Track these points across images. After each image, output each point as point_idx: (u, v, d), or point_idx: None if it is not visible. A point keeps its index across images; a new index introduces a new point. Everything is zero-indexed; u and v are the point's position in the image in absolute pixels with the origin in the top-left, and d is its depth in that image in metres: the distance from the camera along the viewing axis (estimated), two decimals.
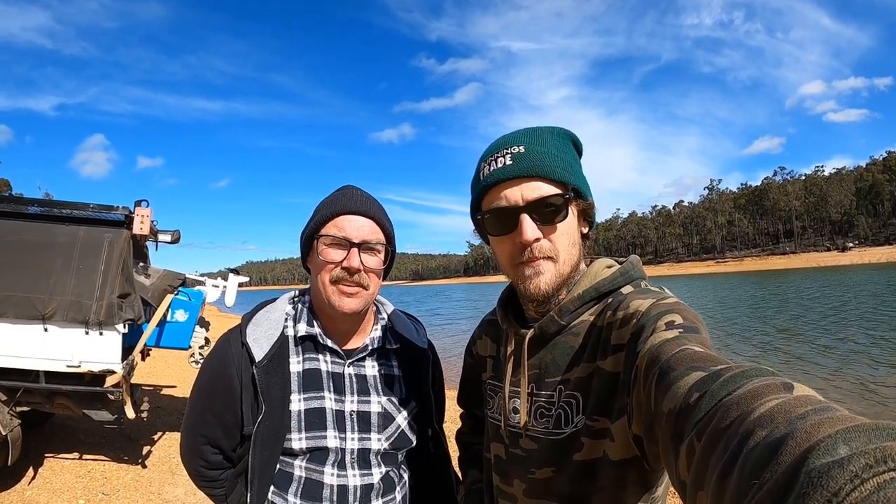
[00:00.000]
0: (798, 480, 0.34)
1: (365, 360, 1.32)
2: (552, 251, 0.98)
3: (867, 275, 49.29)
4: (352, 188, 1.30)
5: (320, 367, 1.27)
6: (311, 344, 1.29)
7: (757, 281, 57.53)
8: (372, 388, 1.30)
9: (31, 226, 4.57)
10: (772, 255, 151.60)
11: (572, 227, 1.00)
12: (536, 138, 0.99)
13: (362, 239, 1.21)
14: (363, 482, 1.24)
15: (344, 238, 1.21)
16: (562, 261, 0.98)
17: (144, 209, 4.77)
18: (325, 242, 1.22)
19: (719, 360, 0.62)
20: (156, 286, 5.18)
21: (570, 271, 1.01)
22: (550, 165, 0.96)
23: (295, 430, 1.21)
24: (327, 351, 1.29)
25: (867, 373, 9.91)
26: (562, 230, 0.98)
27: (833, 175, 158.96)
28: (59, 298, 4.33)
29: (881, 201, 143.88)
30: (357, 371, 1.30)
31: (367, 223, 1.24)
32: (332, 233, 1.21)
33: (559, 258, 0.98)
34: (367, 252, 1.22)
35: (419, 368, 1.38)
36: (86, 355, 4.41)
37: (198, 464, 1.30)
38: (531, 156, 0.96)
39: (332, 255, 1.21)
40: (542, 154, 0.96)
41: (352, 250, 1.20)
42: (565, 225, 0.98)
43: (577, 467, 0.95)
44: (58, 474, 4.99)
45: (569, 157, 1.00)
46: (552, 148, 0.98)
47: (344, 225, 1.22)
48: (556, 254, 0.98)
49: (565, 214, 0.97)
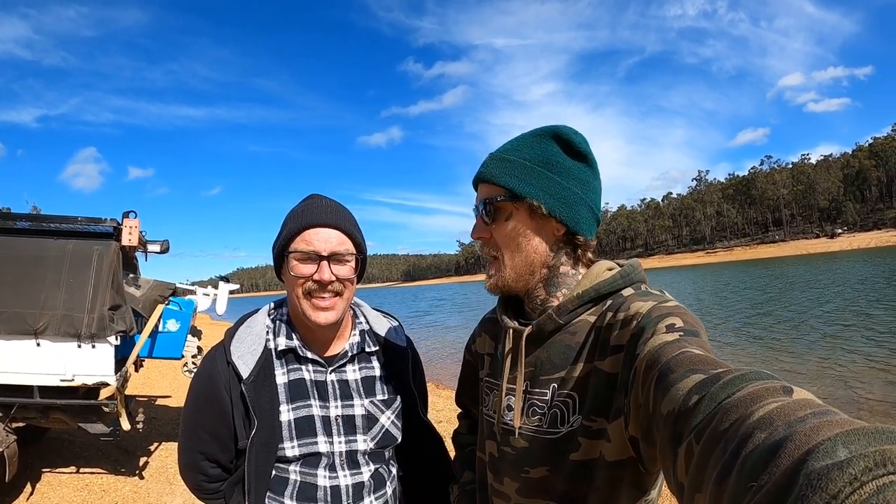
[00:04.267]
0: (797, 483, 0.34)
1: (346, 365, 1.35)
2: (495, 249, 1.05)
3: (856, 261, 49.70)
4: (318, 198, 1.31)
5: (304, 376, 1.30)
6: (292, 356, 1.31)
7: (747, 269, 57.96)
8: (354, 392, 1.33)
9: (19, 241, 4.52)
10: (761, 244, 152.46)
11: (517, 229, 1.02)
12: (508, 145, 1.06)
13: (331, 251, 1.23)
14: (354, 481, 1.28)
15: (313, 252, 1.22)
16: (506, 259, 1.04)
17: (133, 220, 4.73)
18: (294, 258, 1.23)
19: (719, 363, 0.62)
20: (146, 297, 5.14)
21: (523, 270, 1.03)
22: (492, 171, 1.03)
23: (287, 440, 1.24)
24: (308, 361, 1.31)
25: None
26: (503, 230, 1.03)
27: (820, 162, 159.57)
28: (50, 313, 4.28)
29: (868, 187, 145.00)
30: (339, 377, 1.33)
31: (335, 234, 1.25)
32: (300, 248, 1.23)
33: (502, 256, 1.04)
34: (336, 263, 1.24)
35: (399, 367, 1.41)
36: (79, 368, 4.37)
37: (198, 479, 1.32)
38: (486, 162, 1.06)
39: (303, 270, 1.22)
40: (493, 160, 1.04)
41: (321, 263, 1.22)
42: (508, 225, 1.02)
43: (573, 467, 0.95)
44: (55, 489, 4.96)
45: (530, 159, 1.00)
46: (511, 153, 1.03)
47: (311, 239, 1.23)
48: (499, 251, 1.04)
49: (508, 215, 1.02)
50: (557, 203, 0.99)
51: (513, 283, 1.05)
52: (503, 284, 1.06)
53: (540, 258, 1.03)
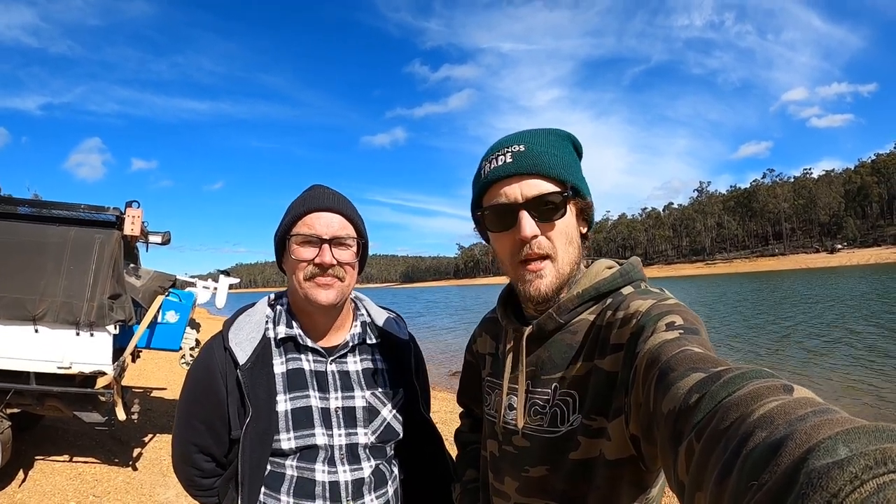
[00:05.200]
0: (798, 481, 0.34)
1: (346, 356, 1.33)
2: (550, 249, 0.98)
3: (854, 277, 49.67)
4: (319, 187, 1.32)
5: (303, 366, 1.28)
6: (292, 345, 1.30)
7: (745, 282, 57.87)
8: (355, 383, 1.31)
9: (21, 226, 4.52)
10: (761, 257, 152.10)
11: (570, 226, 1.00)
12: (536, 138, 1.00)
13: (332, 234, 1.23)
14: (354, 477, 1.25)
15: (314, 235, 1.23)
16: (560, 259, 0.99)
17: (136, 210, 4.74)
18: (296, 241, 1.24)
19: (719, 361, 0.62)
20: (146, 287, 5.13)
21: (569, 271, 1.01)
22: (549, 163, 0.97)
23: (283, 431, 1.22)
24: (308, 350, 1.30)
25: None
26: (560, 228, 0.98)
27: (822, 177, 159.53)
28: (49, 299, 4.28)
29: (869, 203, 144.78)
30: (339, 368, 1.31)
31: (337, 219, 1.26)
32: (302, 231, 1.23)
33: (557, 256, 0.98)
34: (338, 247, 1.24)
35: (401, 361, 1.40)
36: (76, 356, 4.37)
37: (191, 473, 1.30)
38: (531, 154, 0.97)
39: (304, 254, 1.23)
40: (541, 153, 0.98)
41: (323, 246, 1.22)
42: (563, 223, 0.99)
43: (572, 466, 0.95)
44: (48, 477, 4.95)
45: (568, 157, 1.01)
46: (551, 147, 0.99)
47: (313, 223, 1.24)
48: (555, 252, 0.98)
49: (563, 212, 0.98)
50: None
51: (563, 283, 1.01)
52: (561, 282, 1.00)
53: (580, 254, 1.04)
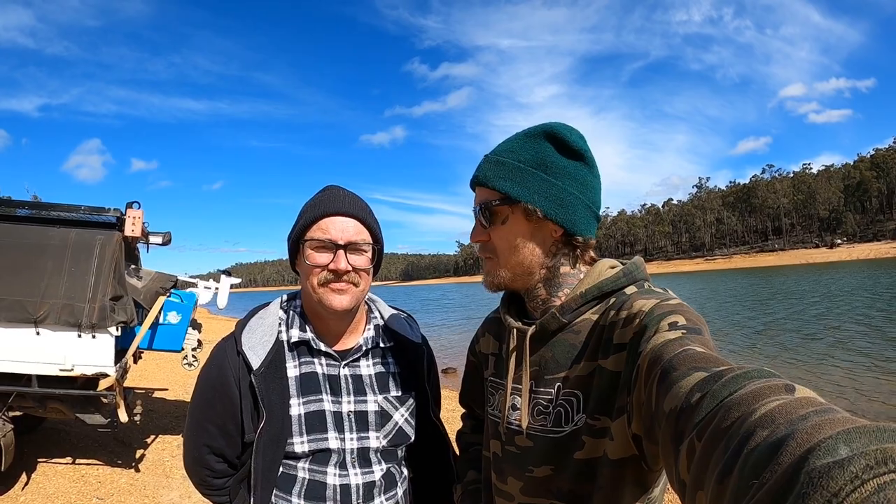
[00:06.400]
0: (798, 480, 0.34)
1: (360, 360, 1.32)
2: (491, 250, 1.07)
3: (852, 272, 49.63)
4: (335, 188, 1.30)
5: (316, 370, 1.27)
6: (305, 348, 1.29)
7: (744, 277, 57.84)
8: (368, 387, 1.30)
9: (22, 228, 4.51)
10: (761, 253, 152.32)
11: (513, 232, 1.02)
12: (502, 146, 1.06)
13: (348, 240, 1.21)
14: (365, 480, 1.25)
15: (329, 240, 1.20)
16: (501, 260, 1.05)
17: (136, 211, 4.72)
18: (310, 246, 1.21)
19: (721, 361, 0.62)
20: (148, 288, 5.13)
21: (520, 271, 1.04)
22: (487, 174, 1.03)
23: (297, 434, 1.21)
24: (321, 354, 1.29)
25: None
26: (499, 233, 1.04)
27: (821, 172, 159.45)
28: (51, 301, 4.28)
29: (869, 198, 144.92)
30: (352, 372, 1.30)
31: (352, 223, 1.23)
32: (317, 236, 1.21)
33: (498, 257, 1.05)
34: (353, 252, 1.22)
35: (414, 364, 1.39)
36: (78, 358, 4.36)
37: (204, 474, 1.30)
38: (481, 165, 1.06)
39: (319, 259, 1.20)
40: (488, 163, 1.05)
41: (338, 252, 1.20)
42: (504, 229, 1.03)
43: (577, 466, 0.95)
44: (51, 479, 4.95)
45: (524, 161, 1.00)
46: (505, 155, 1.03)
47: (328, 227, 1.21)
48: (494, 253, 1.06)
49: (504, 218, 1.03)
50: (553, 205, 0.98)
51: (509, 282, 1.07)
52: (499, 283, 1.08)
53: (537, 260, 1.03)
